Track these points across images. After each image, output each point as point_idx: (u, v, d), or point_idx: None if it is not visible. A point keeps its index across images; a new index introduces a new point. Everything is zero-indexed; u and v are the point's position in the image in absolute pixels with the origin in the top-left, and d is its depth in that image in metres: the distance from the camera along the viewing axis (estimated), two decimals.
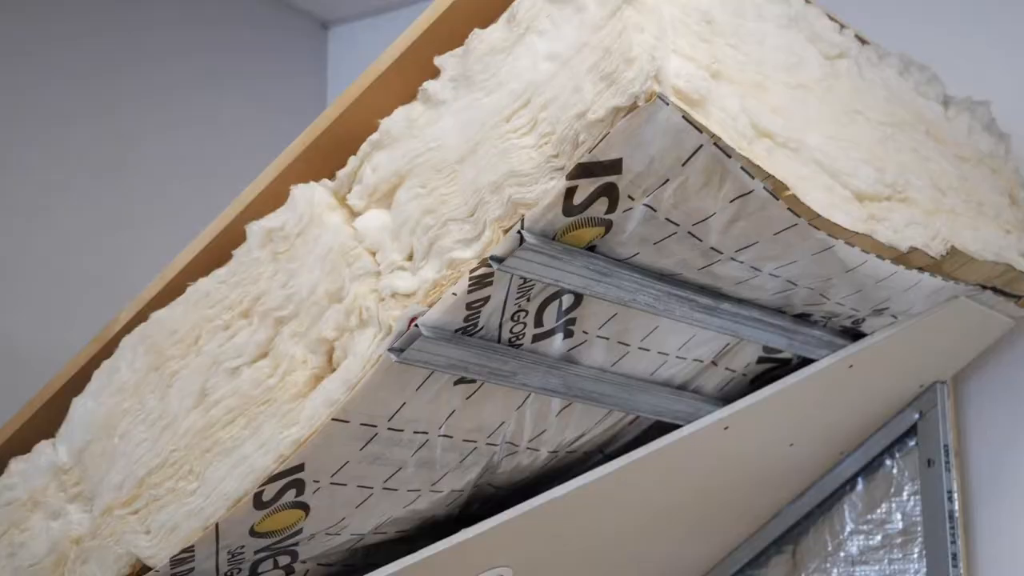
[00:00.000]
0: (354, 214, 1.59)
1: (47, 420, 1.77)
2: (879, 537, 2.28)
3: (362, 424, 1.57)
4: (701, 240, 1.58)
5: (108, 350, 1.74)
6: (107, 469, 1.69)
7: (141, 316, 1.72)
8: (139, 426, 1.67)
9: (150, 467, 1.65)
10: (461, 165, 1.50)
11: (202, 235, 1.69)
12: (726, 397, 1.98)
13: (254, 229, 1.63)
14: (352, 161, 1.60)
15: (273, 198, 1.65)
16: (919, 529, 2.24)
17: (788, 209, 1.56)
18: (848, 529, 2.31)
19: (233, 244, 1.66)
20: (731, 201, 1.52)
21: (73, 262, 2.61)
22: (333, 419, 1.54)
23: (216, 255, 1.68)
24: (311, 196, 1.60)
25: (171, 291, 1.70)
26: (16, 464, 1.77)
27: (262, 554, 1.71)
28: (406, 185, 1.54)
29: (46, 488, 1.75)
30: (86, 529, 1.70)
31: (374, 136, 1.58)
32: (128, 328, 1.73)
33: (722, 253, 1.62)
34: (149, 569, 1.65)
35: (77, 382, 1.76)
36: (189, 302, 1.67)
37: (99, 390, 1.73)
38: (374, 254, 1.55)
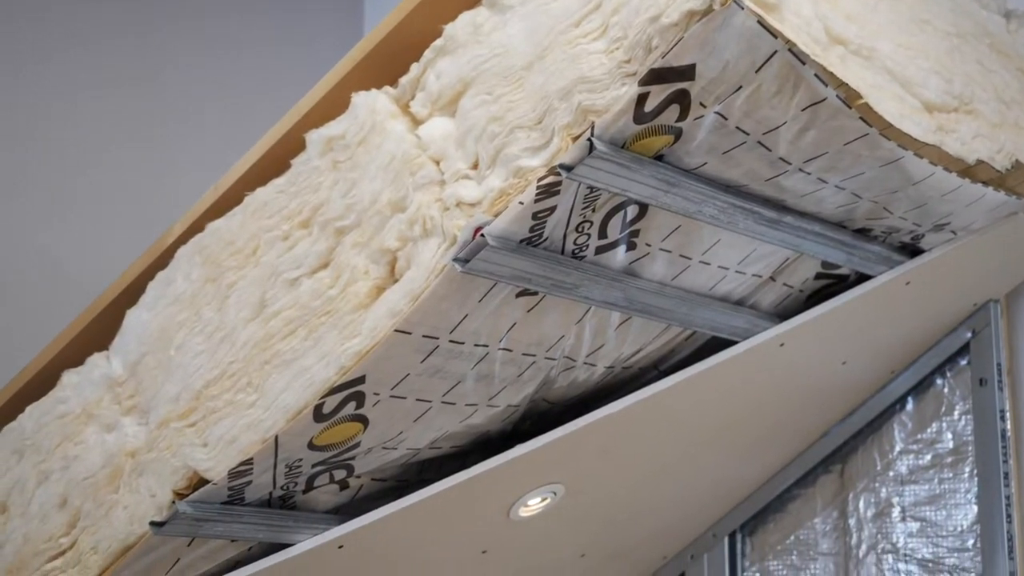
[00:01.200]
0: (417, 122, 1.57)
1: (99, 333, 1.76)
2: (929, 456, 2.28)
3: (424, 336, 1.56)
4: (770, 150, 1.56)
5: (162, 261, 1.73)
6: (163, 381, 1.68)
7: (196, 227, 1.71)
8: (196, 338, 1.66)
9: (207, 379, 1.64)
10: (528, 72, 1.48)
11: (258, 144, 1.67)
12: (782, 314, 1.97)
13: (314, 138, 1.61)
14: (415, 68, 1.57)
15: (332, 106, 1.62)
16: (970, 449, 2.23)
17: (860, 118, 1.53)
18: (898, 448, 2.30)
19: (291, 153, 1.65)
20: (803, 110, 1.50)
21: (111, 177, 2.60)
22: (396, 330, 1.52)
23: (273, 164, 1.66)
24: (373, 104, 1.57)
25: (227, 201, 1.69)
26: (69, 377, 1.77)
27: (319, 468, 1.71)
28: (471, 92, 1.52)
29: (100, 401, 1.74)
30: (142, 442, 1.70)
31: (438, 42, 1.55)
32: (183, 239, 1.71)
33: (790, 164, 1.60)
34: (207, 482, 1.65)
35: (130, 294, 1.75)
36: (246, 212, 1.66)
37: (154, 302, 1.72)
38: (438, 163, 1.53)
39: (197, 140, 2.71)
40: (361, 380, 1.57)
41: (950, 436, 2.27)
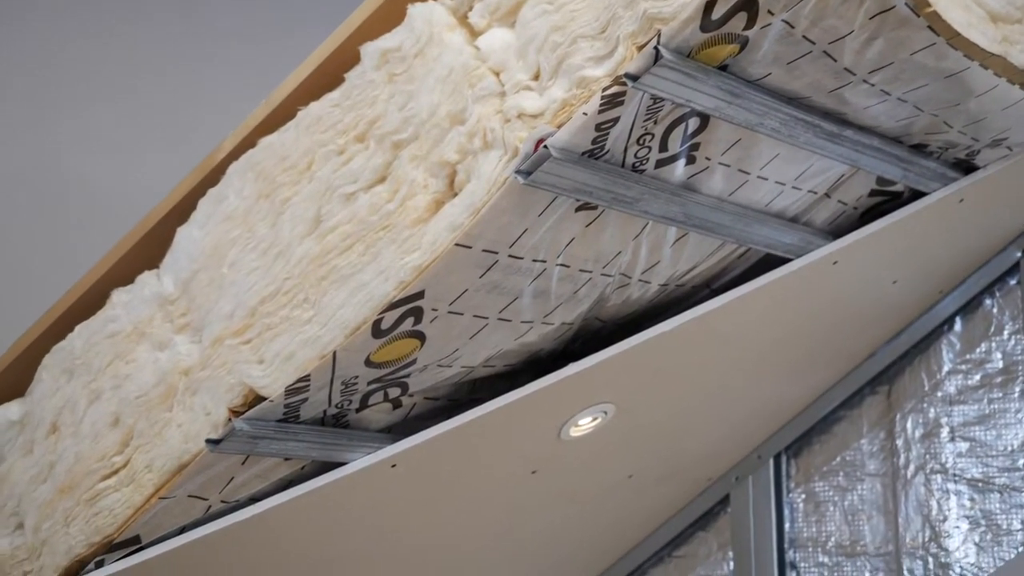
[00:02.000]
0: (475, 33, 1.54)
1: (149, 251, 1.75)
2: (978, 376, 2.27)
3: (484, 250, 1.55)
4: (835, 60, 1.53)
5: (213, 178, 1.71)
6: (216, 299, 1.67)
7: (248, 143, 1.69)
8: (249, 254, 1.65)
9: (262, 296, 1.63)
10: None
11: (310, 58, 1.65)
12: (836, 231, 1.96)
13: (369, 50, 1.59)
14: None
15: (385, 19, 1.60)
16: (1020, 368, 2.23)
17: (928, 27, 1.51)
18: (946, 368, 2.29)
19: (344, 67, 1.62)
20: (870, 18, 1.47)
21: (144, 104, 2.58)
22: (456, 244, 1.51)
23: (326, 79, 1.64)
24: (429, 15, 1.55)
25: (278, 116, 1.67)
26: (119, 295, 1.76)
27: (374, 385, 1.71)
28: (531, 2, 1.50)
29: (151, 319, 1.73)
30: (195, 360, 1.69)
31: None
32: (233, 156, 1.69)
33: (855, 75, 1.58)
34: (262, 399, 1.65)
35: (180, 212, 1.74)
36: (300, 127, 1.64)
37: (205, 219, 1.70)
38: (498, 74, 1.51)
39: (232, 66, 2.68)
40: (420, 296, 1.56)
41: (999, 356, 2.26)
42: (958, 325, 2.29)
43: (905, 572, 2.29)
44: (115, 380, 1.74)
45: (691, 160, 1.62)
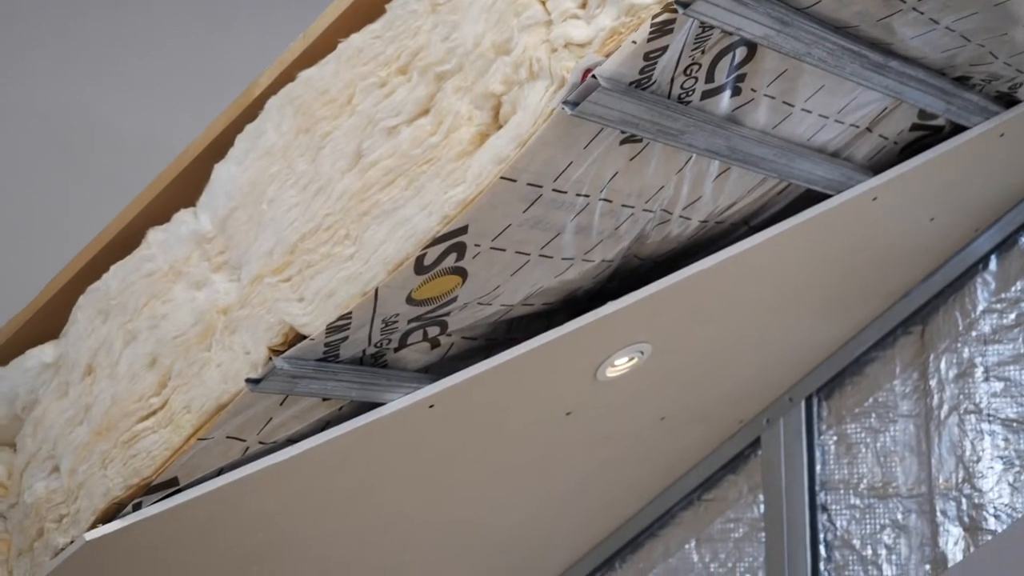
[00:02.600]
0: None
1: (184, 189, 1.73)
2: (1013, 315, 2.25)
3: (528, 184, 1.53)
4: None
5: (250, 114, 1.69)
6: (255, 236, 1.65)
7: (286, 76, 1.66)
8: (289, 191, 1.62)
9: (302, 232, 1.61)
10: None
11: None
12: (876, 167, 1.94)
13: None
14: None
15: None
16: None
17: None
18: (980, 308, 2.28)
19: None
20: None
21: (172, 51, 2.55)
22: (502, 177, 1.49)
23: (365, 10, 1.61)
24: None
25: (317, 50, 1.64)
26: (154, 234, 1.73)
27: (414, 324, 1.69)
28: None
29: (188, 258, 1.71)
30: (234, 298, 1.67)
31: None
32: (271, 90, 1.67)
33: (904, 2, 1.55)
34: (303, 338, 1.63)
35: (216, 149, 1.71)
36: (340, 59, 1.61)
37: (243, 155, 1.68)
38: (544, 3, 1.48)
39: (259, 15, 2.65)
40: (463, 230, 1.54)
41: None
42: (993, 263, 2.27)
43: (938, 513, 2.28)
44: (152, 320, 1.72)
45: (737, 91, 1.60)
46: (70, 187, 2.42)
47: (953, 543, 2.26)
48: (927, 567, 2.28)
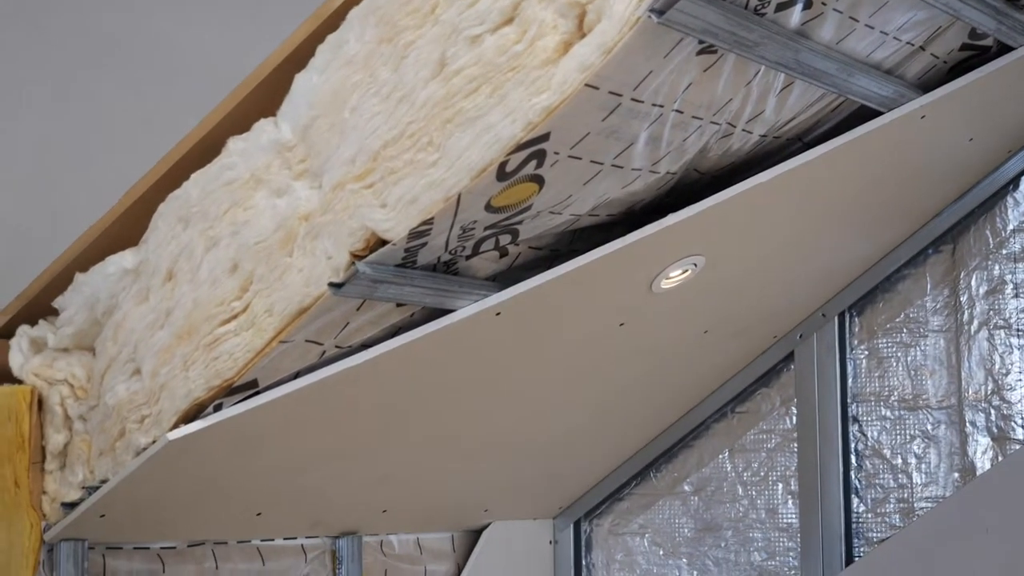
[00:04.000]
0: None
1: (265, 98, 1.69)
2: None
3: (610, 92, 1.50)
4: None
5: (331, 24, 1.65)
6: (337, 144, 1.62)
7: None
8: (371, 99, 1.59)
9: (385, 140, 1.58)
10: None
11: None
12: (924, 86, 1.91)
13: None
14: None
15: None
16: None
17: None
18: (1011, 227, 2.26)
19: None
20: None
21: None
22: (586, 85, 1.46)
23: None
24: None
25: None
26: (235, 143, 1.70)
27: (489, 231, 1.66)
28: None
29: (269, 166, 1.68)
30: (315, 205, 1.64)
31: None
32: (353, 1, 1.63)
33: None
34: (384, 243, 1.60)
35: (296, 59, 1.67)
36: None
37: (324, 65, 1.64)
38: None
39: None
40: (546, 138, 1.51)
41: None
42: (1023, 184, 2.26)
43: (967, 424, 2.27)
44: (233, 227, 1.69)
45: (808, 4, 1.57)
46: (147, 102, 2.38)
47: (981, 452, 2.26)
48: (956, 475, 2.28)
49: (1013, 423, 2.23)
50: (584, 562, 2.62)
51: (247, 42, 2.11)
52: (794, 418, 2.42)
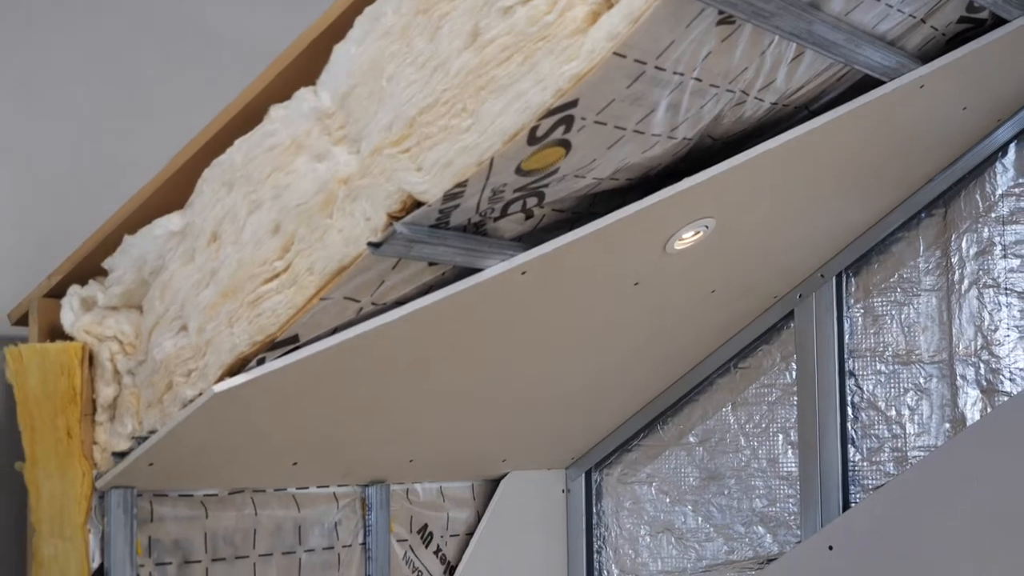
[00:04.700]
0: None
1: (305, 68, 1.67)
2: None
3: (635, 60, 1.49)
4: None
5: None
6: (375, 111, 1.60)
7: None
8: (407, 68, 1.58)
9: (421, 107, 1.57)
10: None
11: None
12: (924, 57, 1.90)
13: None
14: None
15: None
16: None
17: None
18: (999, 192, 2.26)
19: None
20: None
21: None
22: (614, 53, 1.45)
23: None
24: None
25: None
26: (276, 111, 1.68)
27: (517, 194, 1.65)
28: None
29: (309, 132, 1.66)
30: (354, 169, 1.62)
31: None
32: None
33: None
34: (420, 205, 1.59)
35: (335, 31, 1.66)
36: None
37: (362, 36, 1.62)
38: None
39: None
40: (574, 104, 1.50)
41: None
42: (1012, 152, 2.25)
43: (958, 377, 2.28)
44: (275, 190, 1.67)
45: None
46: (188, 76, 2.36)
47: (971, 404, 2.26)
48: (947, 426, 2.28)
49: (1001, 376, 2.23)
50: (595, 509, 2.62)
51: (284, 18, 2.09)
52: (794, 373, 2.42)
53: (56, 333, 1.88)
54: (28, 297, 1.93)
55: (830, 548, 2.25)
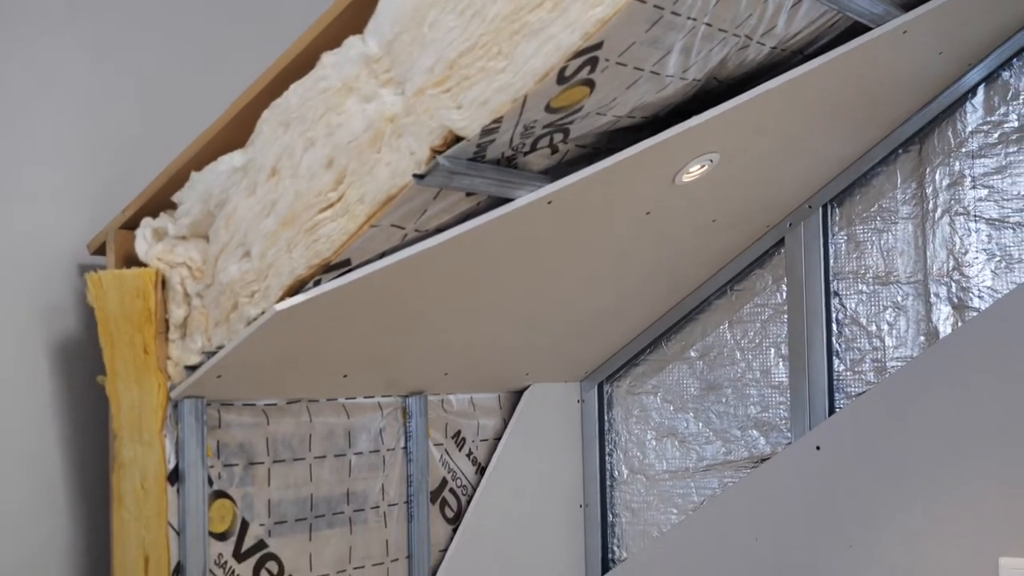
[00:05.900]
0: None
1: (352, 18, 1.65)
2: (996, 135, 2.22)
3: (654, 6, 1.47)
4: None
5: None
6: (418, 56, 1.59)
7: None
8: (448, 16, 1.56)
9: (460, 50, 1.55)
10: None
11: None
12: (906, 5, 1.88)
13: None
14: None
15: None
16: None
17: None
18: (969, 129, 2.24)
19: None
20: None
21: None
22: None
23: None
24: None
25: None
26: (327, 57, 1.66)
27: (546, 130, 1.64)
28: None
29: (358, 76, 1.64)
30: (400, 108, 1.61)
31: None
32: None
33: None
34: (460, 139, 1.58)
35: None
36: None
37: None
38: None
39: None
40: (599, 46, 1.49)
41: (1015, 117, 2.20)
42: (980, 93, 2.23)
43: (932, 296, 2.27)
44: (328, 129, 1.66)
45: None
46: (247, 25, 2.34)
47: (944, 319, 2.26)
48: (922, 339, 2.29)
49: (971, 294, 2.23)
50: (606, 417, 2.63)
51: None
52: (784, 294, 2.42)
53: (131, 260, 1.88)
54: (105, 229, 1.93)
55: (817, 448, 2.26)
